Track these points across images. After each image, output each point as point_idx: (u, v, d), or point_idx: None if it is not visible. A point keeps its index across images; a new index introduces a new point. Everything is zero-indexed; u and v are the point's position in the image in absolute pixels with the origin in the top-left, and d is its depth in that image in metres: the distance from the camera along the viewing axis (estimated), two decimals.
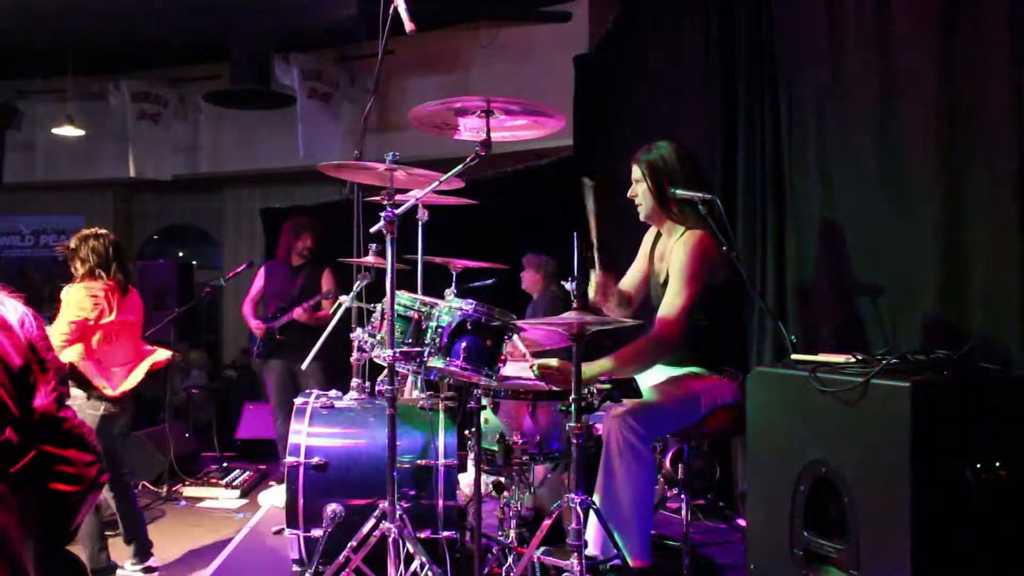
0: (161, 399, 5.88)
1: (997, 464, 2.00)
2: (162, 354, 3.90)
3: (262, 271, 5.56)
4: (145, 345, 3.91)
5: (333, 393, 3.27)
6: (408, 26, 3.03)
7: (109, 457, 3.65)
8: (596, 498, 2.77)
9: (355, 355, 3.30)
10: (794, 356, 2.66)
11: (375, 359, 2.89)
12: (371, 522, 2.65)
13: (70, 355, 3.51)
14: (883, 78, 2.93)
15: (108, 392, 3.59)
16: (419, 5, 3.12)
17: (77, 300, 3.55)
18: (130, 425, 3.80)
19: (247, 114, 9.19)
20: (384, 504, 2.62)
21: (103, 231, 3.74)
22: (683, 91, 4.73)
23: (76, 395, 3.52)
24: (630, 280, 3.38)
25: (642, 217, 3.20)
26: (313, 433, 3.00)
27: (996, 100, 2.45)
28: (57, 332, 3.49)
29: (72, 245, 3.68)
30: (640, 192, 3.13)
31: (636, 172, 3.13)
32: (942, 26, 2.65)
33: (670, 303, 2.93)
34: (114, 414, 3.63)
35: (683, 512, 3.19)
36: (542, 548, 2.55)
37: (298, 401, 3.16)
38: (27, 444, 1.70)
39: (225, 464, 5.69)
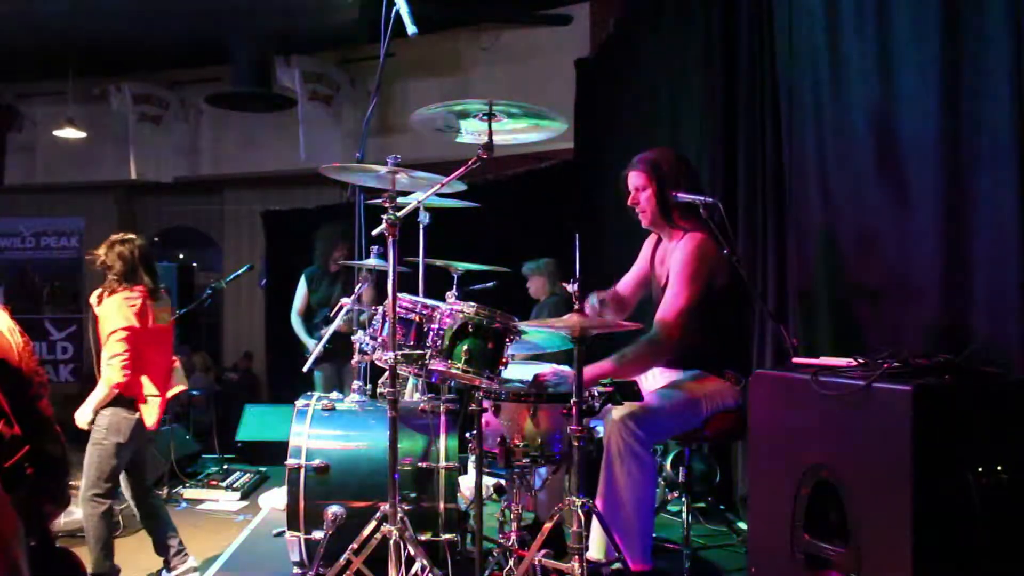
0: None
1: (999, 467, 2.00)
2: (178, 388, 3.89)
3: (303, 280, 5.60)
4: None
5: (334, 395, 3.27)
6: (410, 28, 3.04)
7: (139, 461, 3.66)
8: (597, 501, 2.77)
9: (356, 357, 3.30)
10: (795, 359, 2.66)
11: (376, 361, 2.89)
12: (372, 524, 2.65)
13: (139, 391, 3.51)
14: (883, 79, 2.93)
15: (149, 423, 3.58)
16: (420, 7, 3.13)
17: (116, 312, 3.50)
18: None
19: (248, 116, 9.19)
20: (385, 506, 2.62)
21: (130, 236, 3.69)
22: (684, 95, 4.73)
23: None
24: (627, 283, 3.38)
25: (645, 224, 3.18)
26: (314, 435, 3.00)
27: (998, 101, 2.45)
28: (111, 354, 3.43)
29: (99, 253, 3.65)
30: (643, 199, 3.11)
31: (638, 179, 3.11)
32: (943, 25, 2.65)
33: (669, 303, 2.93)
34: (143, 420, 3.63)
35: (684, 515, 3.20)
36: (543, 551, 2.55)
37: (299, 403, 3.16)
38: (21, 441, 1.71)
39: (225, 466, 5.69)
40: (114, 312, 3.49)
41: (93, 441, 3.47)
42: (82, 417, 3.49)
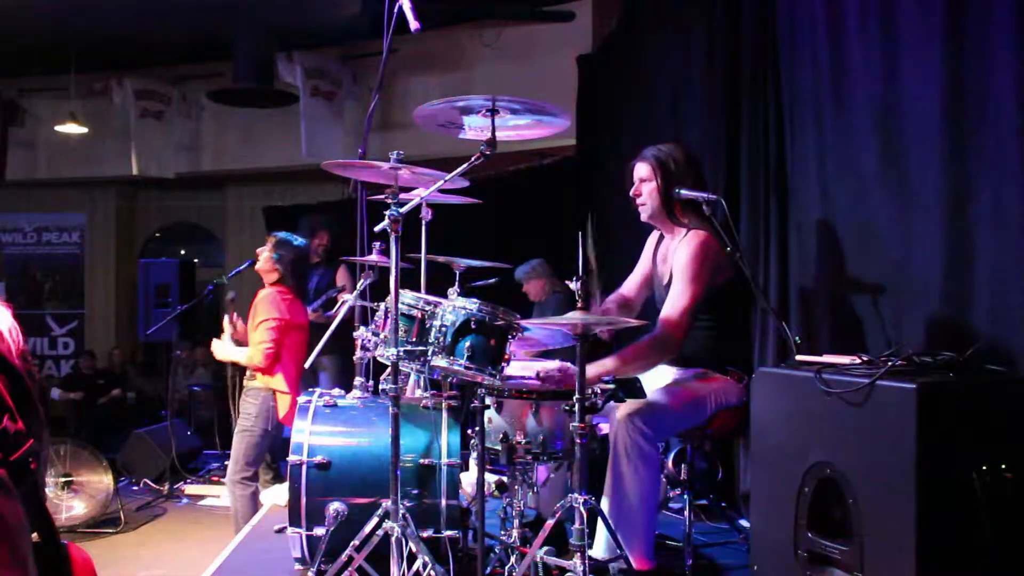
0: (163, 397, 5.88)
1: (1003, 466, 1.99)
2: None
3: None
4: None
5: (336, 391, 3.27)
6: (412, 24, 3.03)
7: (275, 449, 3.79)
8: (603, 498, 2.77)
9: (358, 353, 3.30)
10: (799, 357, 2.65)
11: (379, 358, 2.88)
12: (374, 521, 2.64)
13: (276, 381, 3.64)
14: (885, 77, 2.92)
15: (281, 414, 3.67)
16: (423, 4, 3.12)
17: (270, 303, 3.67)
18: None
19: (250, 112, 9.19)
20: (387, 503, 2.61)
21: (297, 239, 3.86)
22: (687, 91, 4.72)
23: (258, 386, 3.71)
24: (631, 284, 3.37)
25: (644, 217, 3.17)
26: (316, 431, 2.99)
27: (1001, 99, 2.44)
28: (258, 340, 3.58)
29: (268, 250, 3.79)
30: (646, 192, 3.10)
31: (643, 170, 3.10)
32: (946, 23, 2.64)
33: (673, 303, 2.92)
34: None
35: (686, 513, 3.19)
36: (545, 548, 2.55)
37: (301, 399, 3.15)
38: (24, 436, 1.70)
39: (227, 462, 5.69)
40: (267, 303, 3.66)
41: (241, 428, 3.66)
42: (223, 350, 3.62)
